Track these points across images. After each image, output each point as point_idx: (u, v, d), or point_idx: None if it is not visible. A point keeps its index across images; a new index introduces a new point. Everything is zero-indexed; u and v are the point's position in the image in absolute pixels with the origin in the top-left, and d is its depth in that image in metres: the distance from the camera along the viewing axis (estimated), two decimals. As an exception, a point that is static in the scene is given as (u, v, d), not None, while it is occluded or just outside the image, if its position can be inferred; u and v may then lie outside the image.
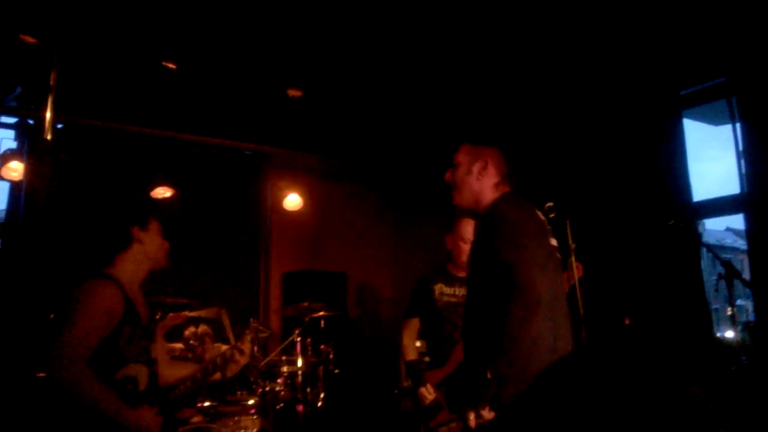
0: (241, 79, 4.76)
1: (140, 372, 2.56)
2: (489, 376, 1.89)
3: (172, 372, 2.81)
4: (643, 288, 2.59)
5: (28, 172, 4.36)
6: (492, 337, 1.96)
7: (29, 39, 3.93)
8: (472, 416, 1.90)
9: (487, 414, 1.89)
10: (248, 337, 2.82)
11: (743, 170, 4.04)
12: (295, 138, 5.62)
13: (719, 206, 4.31)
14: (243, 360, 2.80)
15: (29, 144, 4.64)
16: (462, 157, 2.40)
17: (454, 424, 2.95)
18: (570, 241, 2.57)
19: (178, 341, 3.95)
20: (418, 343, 3.62)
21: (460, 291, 3.28)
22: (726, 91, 4.23)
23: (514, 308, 1.92)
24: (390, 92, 4.91)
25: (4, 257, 4.69)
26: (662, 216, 2.86)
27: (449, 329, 3.26)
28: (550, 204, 2.68)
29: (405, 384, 4.75)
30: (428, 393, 3.11)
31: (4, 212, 4.87)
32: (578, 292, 2.63)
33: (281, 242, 5.90)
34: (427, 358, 3.58)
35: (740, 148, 4.10)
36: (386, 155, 6.11)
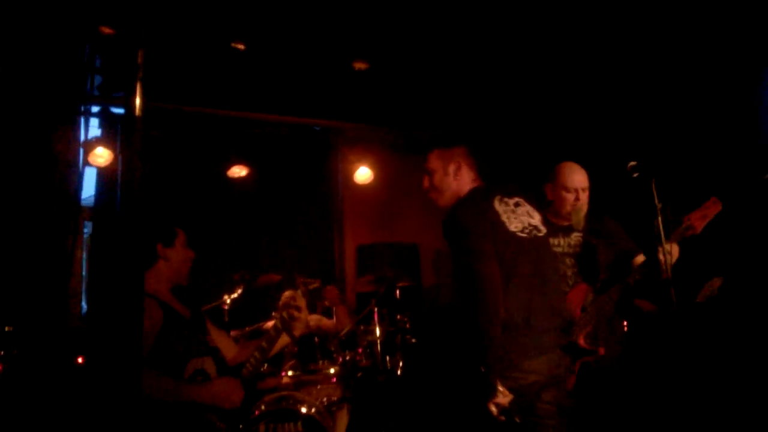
0: (306, 55, 4.78)
1: (206, 362, 2.64)
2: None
3: (238, 352, 2.90)
4: (737, 247, 2.45)
5: (119, 157, 4.57)
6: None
7: (108, 30, 4.09)
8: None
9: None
10: (299, 292, 2.87)
11: None
12: (363, 112, 5.63)
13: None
14: (303, 315, 2.85)
15: (122, 130, 4.85)
16: (435, 163, 2.72)
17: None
18: (656, 201, 2.45)
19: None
20: None
21: (564, 241, 3.10)
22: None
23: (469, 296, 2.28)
24: (455, 61, 4.81)
25: (95, 242, 4.97)
26: (758, 169, 2.68)
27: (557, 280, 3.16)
28: (633, 163, 2.56)
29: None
30: None
31: (92, 198, 5.15)
32: (663, 257, 2.51)
33: (353, 216, 5.97)
34: None
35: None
36: (453, 126, 6.02)
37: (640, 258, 2.93)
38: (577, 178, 3.03)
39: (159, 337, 2.49)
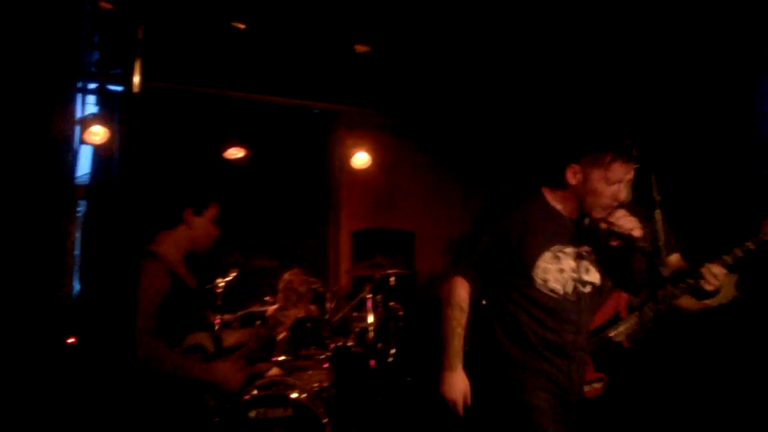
0: (308, 37, 4.72)
1: (204, 338, 2.63)
2: None
3: (235, 334, 2.90)
4: (735, 243, 2.43)
5: (115, 135, 4.52)
6: None
7: (107, 5, 4.03)
8: None
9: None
10: (299, 279, 2.87)
11: None
12: (363, 96, 5.58)
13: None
14: (288, 321, 2.89)
15: (116, 107, 4.80)
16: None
17: (597, 385, 2.91)
18: (655, 195, 2.42)
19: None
20: None
21: None
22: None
23: None
24: (460, 48, 4.75)
25: (90, 220, 4.93)
26: (758, 165, 2.65)
27: None
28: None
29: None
30: None
31: (87, 176, 5.11)
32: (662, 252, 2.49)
33: (350, 201, 5.94)
34: None
35: None
36: (454, 112, 5.98)
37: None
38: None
39: (164, 304, 2.46)
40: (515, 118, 5.82)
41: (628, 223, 2.21)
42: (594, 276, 2.35)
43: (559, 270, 2.28)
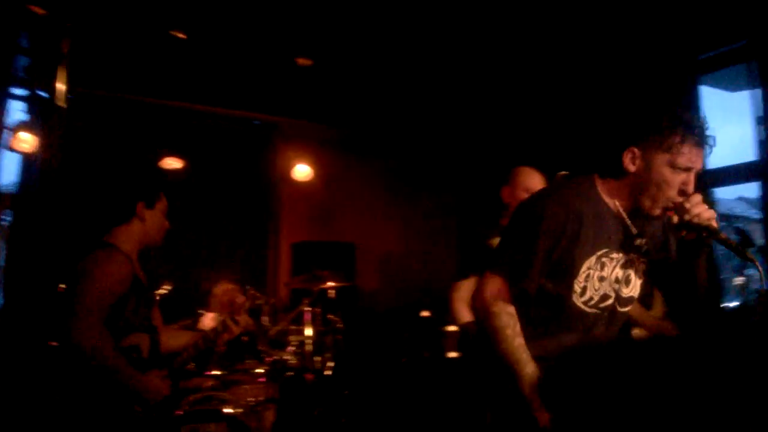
0: (250, 48, 4.71)
1: (143, 340, 2.59)
2: None
3: (173, 340, 2.85)
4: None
5: (42, 143, 4.37)
6: None
7: (38, 10, 3.91)
8: None
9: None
10: (245, 306, 2.86)
11: (760, 137, 3.95)
12: (305, 108, 5.59)
13: (734, 174, 4.22)
14: (236, 330, 2.85)
15: (41, 115, 4.64)
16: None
17: None
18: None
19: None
20: None
21: None
22: (745, 55, 4.11)
23: None
24: (401, 61, 4.83)
25: (17, 229, 4.73)
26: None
27: None
28: (564, 173, 2.62)
29: (449, 354, 4.39)
30: None
31: (14, 185, 4.90)
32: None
33: (291, 213, 5.91)
34: None
35: (759, 113, 3.99)
36: (396, 126, 6.06)
37: None
38: (537, 180, 3.07)
39: (119, 300, 2.44)
40: (457, 129, 5.95)
41: (706, 212, 1.82)
42: (635, 290, 2.01)
43: (600, 278, 1.92)
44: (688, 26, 4.08)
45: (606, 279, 1.94)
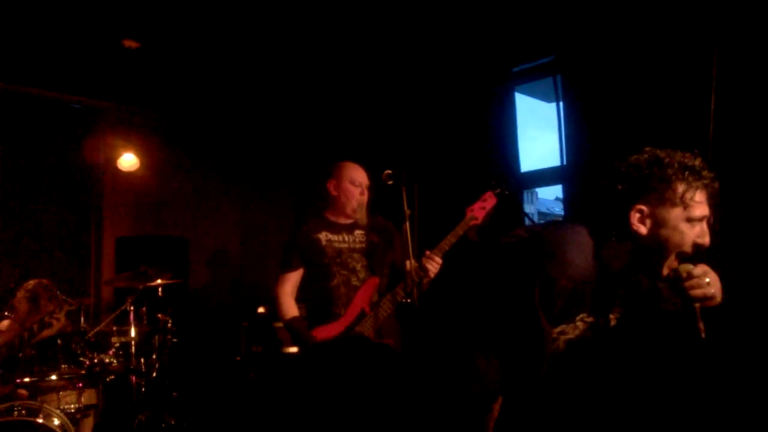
0: (72, 25, 4.31)
1: None
2: None
3: None
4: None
5: None
6: None
7: None
8: None
9: None
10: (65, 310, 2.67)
11: (563, 145, 4.43)
12: (130, 93, 5.25)
13: (543, 177, 4.71)
14: (48, 332, 2.66)
15: None
16: None
17: None
18: (405, 208, 2.67)
19: None
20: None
21: (348, 237, 3.10)
22: (553, 69, 4.56)
23: None
24: (235, 48, 4.70)
25: None
26: (492, 184, 3.03)
27: (346, 275, 3.03)
28: (388, 172, 2.74)
29: (287, 349, 4.33)
30: None
31: None
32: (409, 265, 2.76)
33: (116, 205, 5.50)
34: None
35: (561, 124, 4.48)
36: (229, 118, 5.91)
37: (408, 264, 2.85)
38: (361, 174, 3.16)
39: None
40: (292, 123, 5.95)
41: (713, 284, 1.56)
42: None
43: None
44: (503, 39, 4.43)
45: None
